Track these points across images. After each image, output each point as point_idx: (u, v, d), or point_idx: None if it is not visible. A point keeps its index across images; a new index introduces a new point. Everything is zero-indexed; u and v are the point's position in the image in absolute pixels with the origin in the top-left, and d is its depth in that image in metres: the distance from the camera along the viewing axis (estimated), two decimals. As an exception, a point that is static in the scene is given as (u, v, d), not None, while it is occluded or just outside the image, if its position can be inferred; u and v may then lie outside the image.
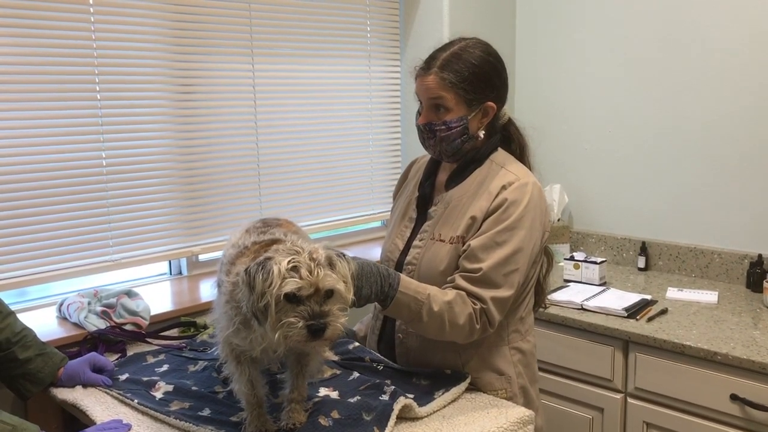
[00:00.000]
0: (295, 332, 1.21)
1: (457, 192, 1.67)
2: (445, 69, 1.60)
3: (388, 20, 3.06)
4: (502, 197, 1.58)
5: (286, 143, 2.74)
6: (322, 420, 1.46)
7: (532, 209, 1.58)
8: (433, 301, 1.51)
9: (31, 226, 2.11)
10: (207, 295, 2.33)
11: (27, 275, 2.13)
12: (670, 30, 2.78)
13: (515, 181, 1.60)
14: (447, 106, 1.61)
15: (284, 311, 1.22)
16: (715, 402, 2.07)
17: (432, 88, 1.61)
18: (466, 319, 1.52)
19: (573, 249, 3.07)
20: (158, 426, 1.51)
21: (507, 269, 1.55)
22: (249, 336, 1.34)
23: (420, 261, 1.67)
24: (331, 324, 1.24)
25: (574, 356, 2.39)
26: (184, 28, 2.39)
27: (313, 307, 1.22)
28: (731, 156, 2.67)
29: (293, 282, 1.21)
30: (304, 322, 1.21)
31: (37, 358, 1.72)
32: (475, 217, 1.60)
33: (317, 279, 1.23)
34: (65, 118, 2.15)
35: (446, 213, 1.66)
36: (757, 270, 2.56)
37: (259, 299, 1.23)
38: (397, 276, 1.51)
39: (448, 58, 1.61)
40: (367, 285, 1.46)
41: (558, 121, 3.15)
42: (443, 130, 1.62)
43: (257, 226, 1.50)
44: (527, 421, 1.57)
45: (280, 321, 1.22)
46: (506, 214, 1.56)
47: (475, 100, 1.62)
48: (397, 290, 1.49)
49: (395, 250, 1.76)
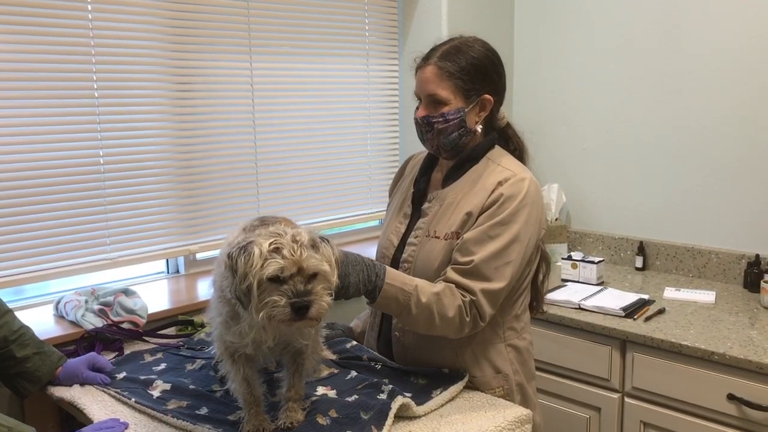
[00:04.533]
0: (278, 311, 1.21)
1: (452, 189, 1.68)
2: (444, 59, 1.62)
3: (387, 18, 3.06)
4: (498, 193, 1.58)
5: (284, 142, 2.74)
6: (319, 419, 1.46)
7: (528, 204, 1.58)
8: (421, 292, 1.51)
9: (28, 224, 2.11)
10: (204, 293, 2.33)
11: (24, 273, 2.13)
12: (668, 30, 2.78)
13: (511, 177, 1.60)
14: (444, 98, 1.61)
15: (268, 292, 1.22)
16: (712, 401, 2.07)
17: (430, 79, 1.62)
18: (456, 311, 1.52)
19: (571, 249, 3.07)
20: (155, 425, 1.51)
21: (498, 262, 1.54)
22: (238, 328, 1.34)
23: (416, 258, 1.67)
24: (316, 302, 1.23)
25: (572, 356, 2.39)
26: (181, 26, 2.39)
27: (297, 286, 1.22)
28: (729, 156, 2.67)
29: (275, 262, 1.21)
30: (287, 299, 1.21)
31: (34, 357, 1.72)
32: (471, 213, 1.60)
33: (300, 259, 1.23)
34: (63, 116, 2.15)
35: (441, 210, 1.66)
36: (755, 270, 2.57)
37: (241, 281, 1.23)
38: (383, 267, 1.51)
39: (448, 50, 1.63)
40: (354, 272, 1.45)
41: (556, 121, 3.15)
42: (440, 122, 1.62)
43: (255, 225, 1.50)
44: (525, 420, 1.57)
45: (263, 302, 1.22)
46: (501, 209, 1.56)
47: (472, 92, 1.62)
48: (384, 281, 1.48)
49: (390, 246, 1.76)
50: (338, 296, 1.42)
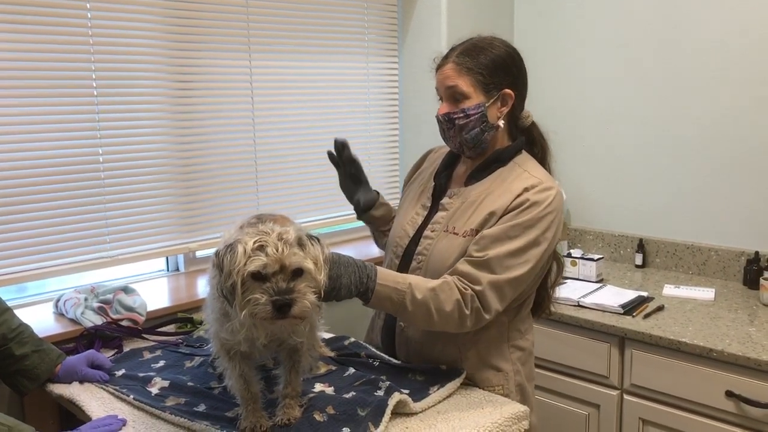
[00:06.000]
0: (260, 308, 1.22)
1: (476, 188, 1.67)
2: (463, 55, 1.62)
3: (386, 16, 3.06)
4: (524, 197, 1.58)
5: (284, 140, 2.74)
6: (317, 415, 1.46)
7: (552, 212, 1.57)
8: (416, 289, 1.50)
9: (28, 223, 2.11)
10: (204, 291, 2.32)
11: (24, 271, 2.13)
12: (668, 28, 2.78)
13: (538, 184, 1.60)
14: (464, 93, 1.61)
15: (251, 289, 1.23)
16: (711, 398, 2.07)
17: (449, 75, 1.62)
18: (454, 305, 1.51)
19: (570, 246, 3.07)
20: (154, 421, 1.51)
21: (512, 261, 1.54)
22: (230, 326, 1.34)
23: (430, 252, 1.66)
24: (298, 300, 1.23)
25: (571, 353, 2.39)
26: (181, 24, 2.39)
27: (279, 283, 1.22)
28: (729, 153, 2.67)
29: (258, 260, 1.22)
30: (268, 297, 1.21)
31: (33, 355, 1.72)
32: (494, 213, 1.59)
33: (282, 256, 1.23)
34: (62, 115, 2.15)
35: (463, 207, 1.66)
36: (754, 267, 2.57)
37: (226, 279, 1.24)
38: (374, 268, 1.50)
39: (466, 47, 1.64)
40: (345, 274, 1.44)
41: (556, 119, 3.14)
42: (461, 118, 1.62)
43: (252, 222, 1.50)
44: (522, 416, 1.57)
45: (246, 299, 1.22)
46: (525, 213, 1.56)
47: (492, 86, 1.62)
48: (376, 282, 1.48)
49: (405, 236, 1.75)
50: (329, 298, 1.42)
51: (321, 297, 1.30)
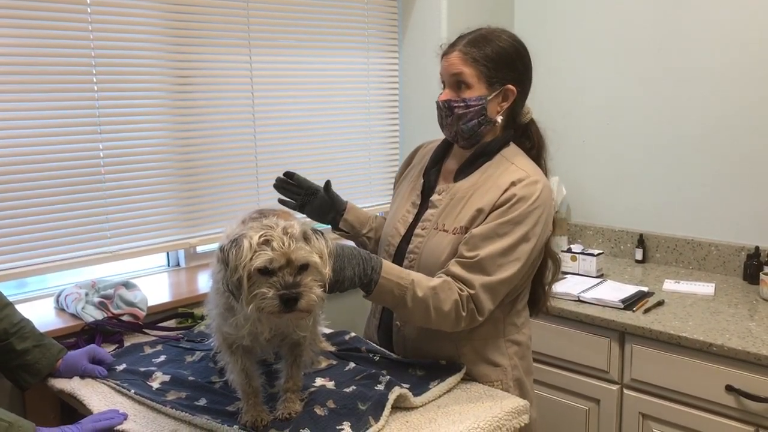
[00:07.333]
0: (267, 302, 1.22)
1: (464, 184, 1.67)
2: (470, 45, 1.62)
3: (387, 11, 3.05)
4: (511, 192, 1.57)
5: (284, 135, 2.74)
6: (317, 409, 1.47)
7: (540, 207, 1.57)
8: (418, 286, 1.50)
9: (29, 218, 2.12)
10: (205, 286, 2.33)
11: (25, 266, 2.13)
12: (669, 24, 2.77)
13: (525, 178, 1.59)
14: (468, 82, 1.61)
15: (257, 284, 1.23)
16: (711, 393, 2.07)
17: (455, 63, 1.62)
18: (452, 305, 1.51)
19: (570, 241, 3.07)
20: (155, 416, 1.52)
21: (503, 260, 1.54)
22: (234, 320, 1.34)
23: (422, 250, 1.66)
24: (305, 294, 1.23)
25: (571, 348, 2.40)
26: (181, 20, 2.39)
27: (286, 278, 1.23)
28: (729, 149, 2.67)
29: (264, 254, 1.22)
30: (275, 291, 1.22)
31: (34, 350, 1.73)
32: (482, 209, 1.59)
33: (289, 250, 1.23)
34: (62, 110, 2.15)
35: (452, 204, 1.66)
36: (754, 262, 2.57)
37: (232, 274, 1.24)
38: (379, 260, 1.50)
39: (474, 38, 1.64)
40: (349, 266, 1.44)
41: (556, 115, 3.14)
42: (461, 107, 1.62)
43: (253, 217, 1.50)
44: (522, 410, 1.57)
45: (253, 294, 1.23)
46: (513, 209, 1.56)
47: (496, 80, 1.62)
48: (380, 275, 1.48)
49: (396, 235, 1.75)
50: (333, 289, 1.42)
51: (326, 290, 1.31)
